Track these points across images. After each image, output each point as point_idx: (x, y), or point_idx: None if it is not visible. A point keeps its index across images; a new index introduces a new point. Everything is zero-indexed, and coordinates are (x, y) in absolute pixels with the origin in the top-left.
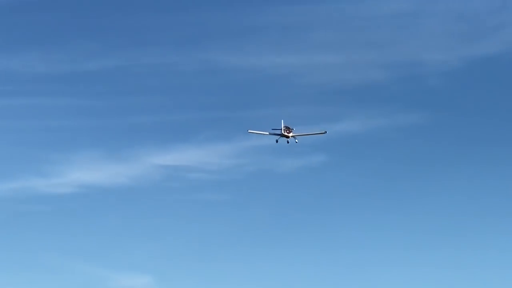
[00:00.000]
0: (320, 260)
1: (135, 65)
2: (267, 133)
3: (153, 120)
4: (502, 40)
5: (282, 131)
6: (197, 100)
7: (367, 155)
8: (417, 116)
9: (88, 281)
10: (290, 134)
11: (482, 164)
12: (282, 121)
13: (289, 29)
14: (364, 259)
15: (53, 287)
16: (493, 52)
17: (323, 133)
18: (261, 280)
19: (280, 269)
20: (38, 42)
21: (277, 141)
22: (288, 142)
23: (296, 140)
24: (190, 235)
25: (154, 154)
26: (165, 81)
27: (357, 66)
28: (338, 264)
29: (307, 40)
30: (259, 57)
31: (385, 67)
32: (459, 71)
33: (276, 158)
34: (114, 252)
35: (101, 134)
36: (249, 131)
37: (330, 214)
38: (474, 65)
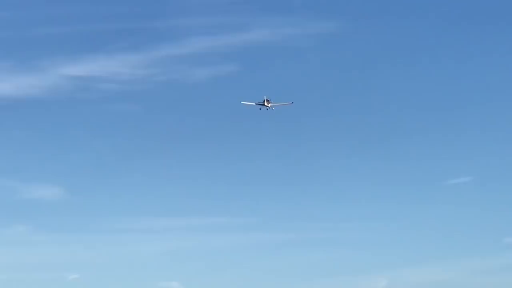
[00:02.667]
0: (231, 169)
1: None
2: (254, 103)
3: (63, 30)
4: None
5: (264, 102)
6: (107, 10)
7: (277, 64)
8: (328, 25)
9: None
10: (269, 104)
11: (399, 70)
12: (265, 96)
13: None
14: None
15: None
16: None
17: (291, 103)
18: (170, 189)
19: (188, 178)
20: None
21: (260, 109)
22: (267, 109)
23: (273, 108)
24: (101, 146)
25: (65, 65)
26: None
27: None
28: (249, 173)
29: None
30: None
31: None
32: None
33: (187, 68)
34: (24, 164)
35: (10, 46)
36: (242, 102)
37: (240, 123)
38: None
